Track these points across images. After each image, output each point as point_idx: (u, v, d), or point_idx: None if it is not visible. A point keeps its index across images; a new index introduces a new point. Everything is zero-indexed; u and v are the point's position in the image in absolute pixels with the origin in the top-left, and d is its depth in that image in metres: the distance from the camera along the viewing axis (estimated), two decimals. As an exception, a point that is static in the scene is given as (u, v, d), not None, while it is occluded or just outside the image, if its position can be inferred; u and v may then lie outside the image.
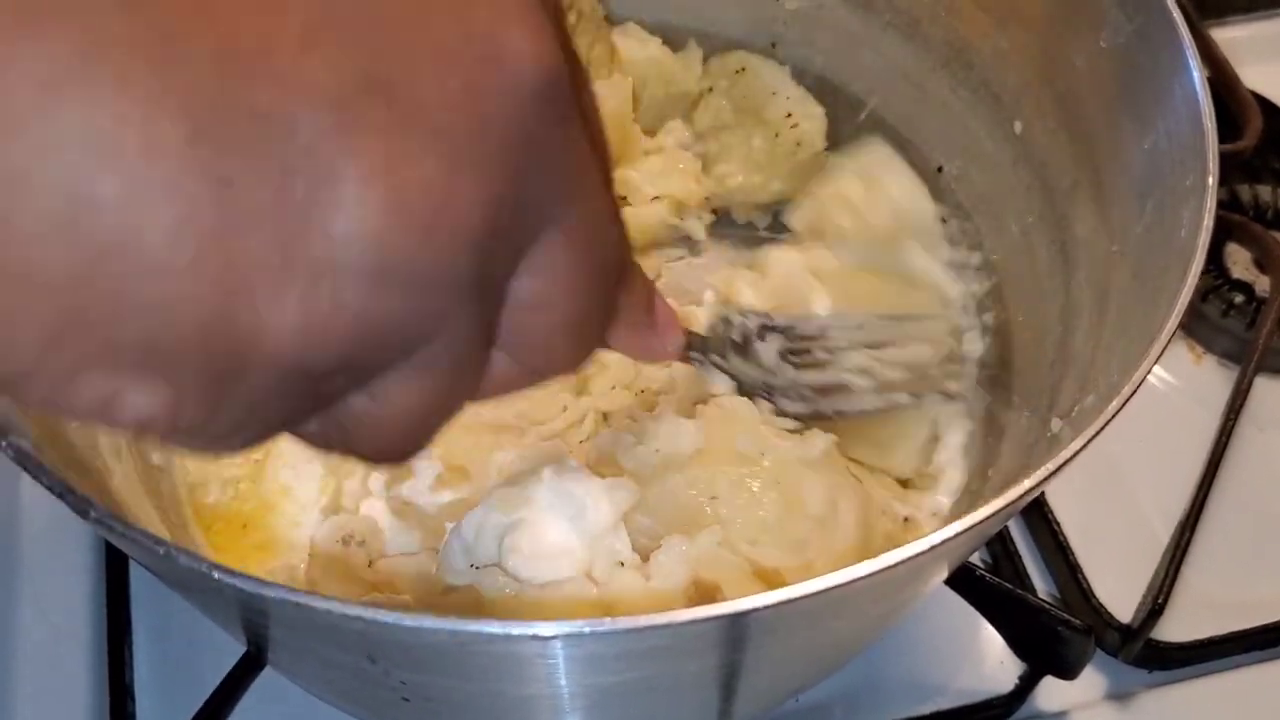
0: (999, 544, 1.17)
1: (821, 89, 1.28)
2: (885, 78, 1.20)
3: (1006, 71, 1.08)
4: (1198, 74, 0.84)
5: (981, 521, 0.65)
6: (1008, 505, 0.67)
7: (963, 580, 1.00)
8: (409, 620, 0.61)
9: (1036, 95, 1.04)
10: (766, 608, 0.61)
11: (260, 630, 0.79)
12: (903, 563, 0.63)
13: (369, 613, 0.61)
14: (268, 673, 0.96)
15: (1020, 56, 1.05)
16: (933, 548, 0.63)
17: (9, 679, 1.10)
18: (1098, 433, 0.69)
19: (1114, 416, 0.69)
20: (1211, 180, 0.78)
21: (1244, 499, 1.22)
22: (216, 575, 0.63)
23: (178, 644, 1.09)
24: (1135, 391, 0.70)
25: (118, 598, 1.11)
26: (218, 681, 0.95)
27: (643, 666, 0.71)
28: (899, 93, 1.19)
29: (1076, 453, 0.69)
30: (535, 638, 0.61)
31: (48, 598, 1.14)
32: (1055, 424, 0.88)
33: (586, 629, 0.61)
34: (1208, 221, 0.76)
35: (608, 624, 0.61)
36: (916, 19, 1.15)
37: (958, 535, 0.64)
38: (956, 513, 1.05)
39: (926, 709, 1.09)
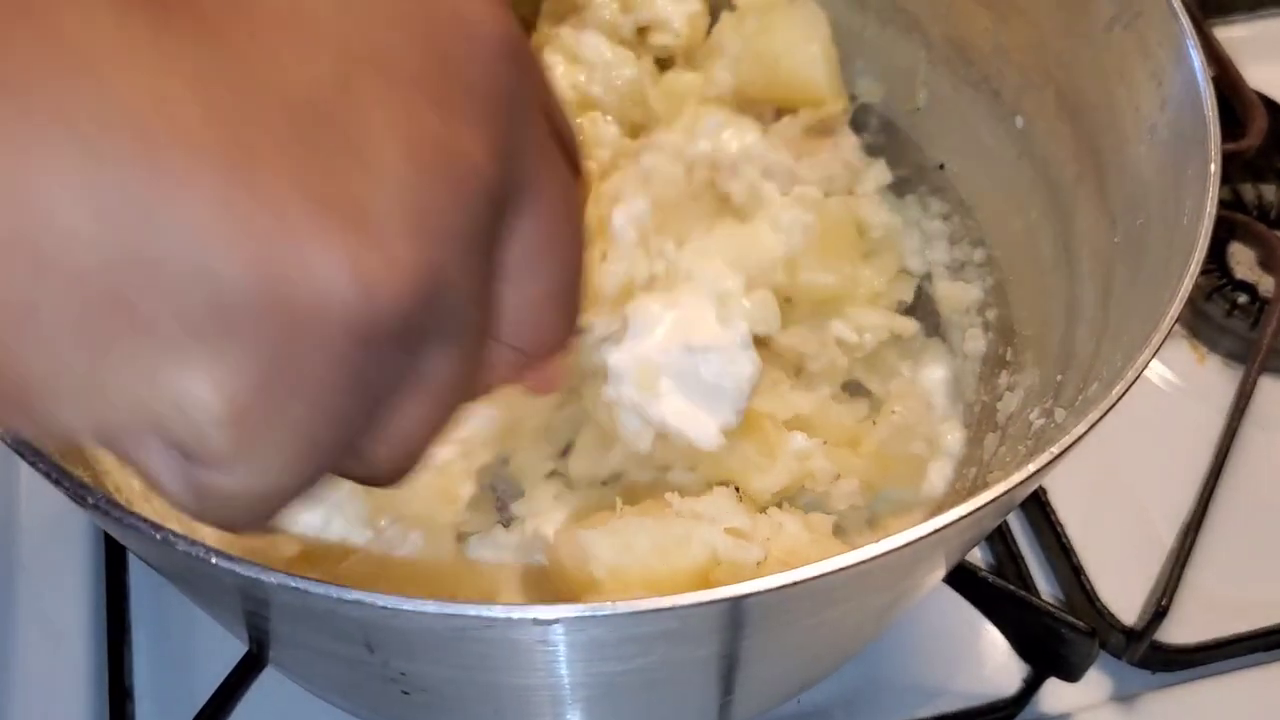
0: (1002, 545, 1.17)
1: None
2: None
3: (1007, 67, 1.08)
4: (1198, 62, 0.84)
5: (981, 508, 0.65)
6: (1008, 491, 0.66)
7: (965, 581, 1.00)
8: (407, 604, 0.61)
9: (1038, 90, 1.04)
10: (768, 590, 0.61)
11: (259, 621, 0.79)
12: (904, 547, 0.62)
13: (367, 597, 0.61)
14: (267, 675, 0.95)
15: (1021, 51, 1.05)
16: (934, 532, 0.63)
17: (8, 681, 1.09)
18: (1098, 420, 0.69)
19: (1115, 404, 0.69)
20: (1213, 168, 0.78)
21: (1248, 500, 1.21)
22: (215, 560, 0.63)
23: (177, 645, 1.09)
24: (1137, 378, 0.70)
25: (117, 599, 1.11)
26: (217, 683, 0.95)
27: (644, 653, 0.70)
28: (899, 90, 1.19)
29: (1076, 440, 0.68)
30: (536, 621, 0.60)
31: (46, 599, 1.14)
32: (1059, 414, 0.88)
33: (588, 612, 0.60)
34: (1210, 209, 0.76)
35: (609, 607, 0.60)
36: (916, 17, 1.15)
37: (958, 520, 0.64)
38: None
39: (929, 712, 1.09)
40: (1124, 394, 0.69)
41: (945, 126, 1.18)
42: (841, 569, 0.61)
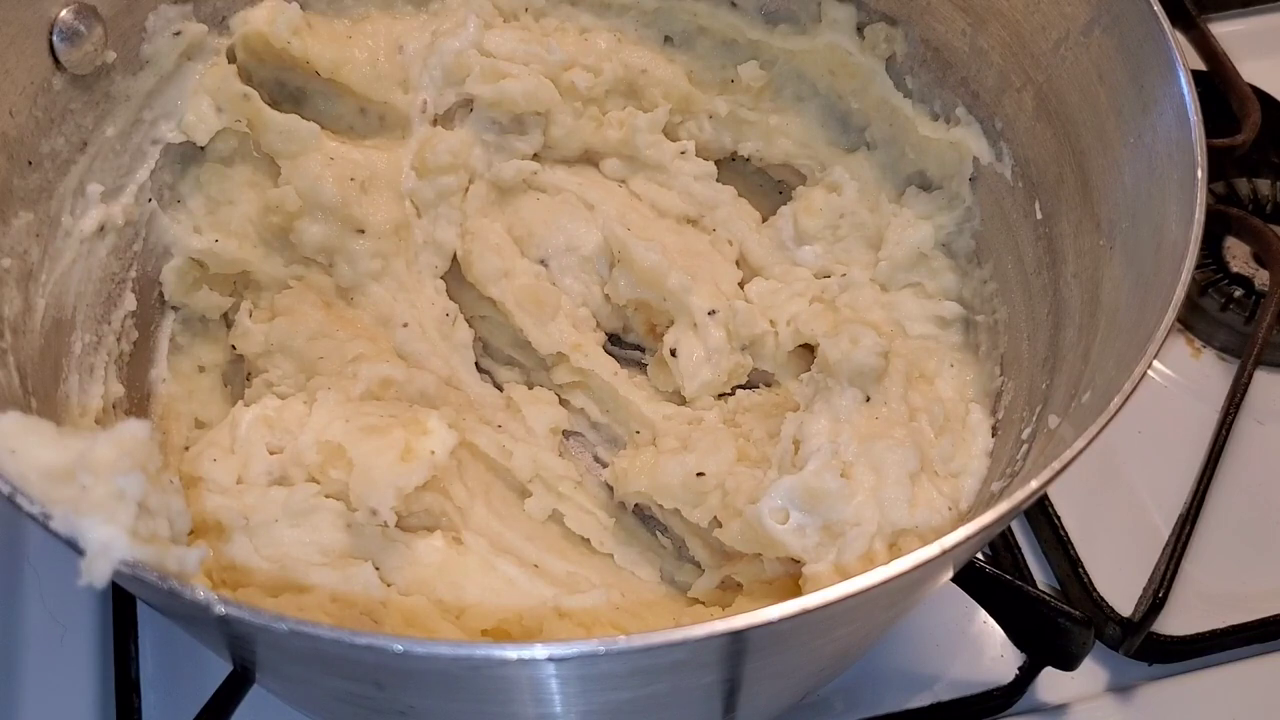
0: (999, 536, 1.17)
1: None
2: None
3: (985, 69, 1.08)
4: (1182, 68, 0.84)
5: (989, 524, 0.66)
6: (1015, 506, 0.67)
7: (962, 572, 1.00)
8: (420, 647, 0.61)
9: (1016, 92, 1.04)
10: (780, 619, 0.61)
11: (261, 660, 0.79)
12: (915, 568, 0.63)
13: (380, 640, 0.61)
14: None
15: (999, 53, 1.05)
16: (943, 552, 0.64)
17: (17, 676, 1.10)
18: (1101, 430, 0.69)
19: (1116, 414, 0.69)
20: (1200, 174, 0.78)
21: (1244, 493, 1.23)
22: (223, 610, 0.62)
23: (184, 639, 1.09)
24: (1135, 388, 0.70)
25: (124, 594, 1.11)
26: (224, 676, 0.94)
27: (652, 682, 0.70)
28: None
29: (1080, 451, 0.69)
30: (551, 659, 0.60)
31: (54, 595, 1.15)
32: (1052, 420, 0.88)
33: (601, 648, 0.60)
34: (1199, 216, 0.76)
35: (622, 642, 0.60)
36: (893, 20, 1.15)
37: (966, 540, 0.64)
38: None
39: (926, 700, 1.10)
40: (1122, 405, 0.69)
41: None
42: (853, 593, 0.61)
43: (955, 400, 1.05)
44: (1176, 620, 1.12)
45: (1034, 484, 0.67)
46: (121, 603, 1.11)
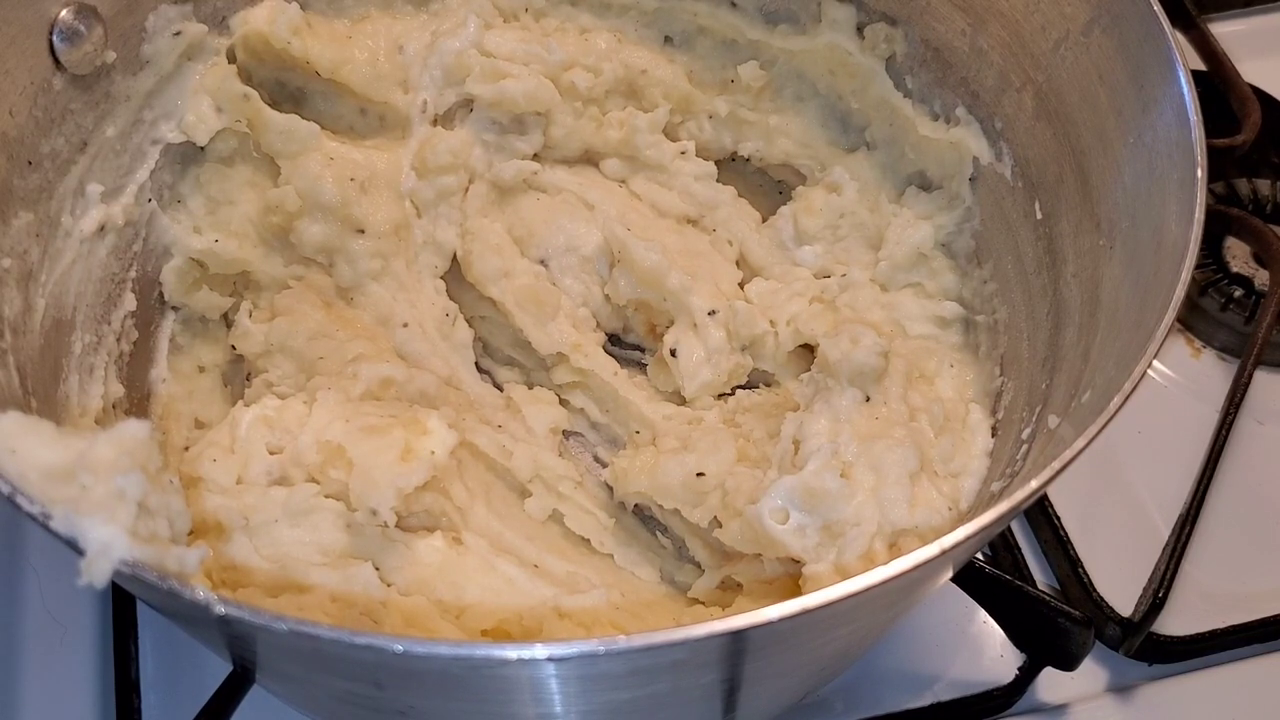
0: (999, 536, 1.17)
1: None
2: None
3: (985, 69, 1.08)
4: (1182, 68, 0.84)
5: (989, 525, 0.66)
6: (1015, 506, 0.67)
7: (962, 572, 1.00)
8: (420, 647, 0.61)
9: (1016, 91, 1.04)
10: (780, 619, 0.61)
11: (261, 660, 0.78)
12: (915, 568, 0.63)
13: (379, 640, 0.61)
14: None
15: (999, 53, 1.05)
16: (943, 552, 0.64)
17: (17, 676, 1.10)
18: (1100, 430, 0.69)
19: (1116, 413, 0.69)
20: (1200, 174, 0.78)
21: (1244, 493, 1.23)
22: (223, 610, 0.62)
23: (184, 639, 1.09)
24: (1135, 388, 0.70)
25: (124, 594, 1.11)
26: (224, 676, 0.94)
27: (651, 682, 0.70)
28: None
29: (1080, 451, 0.69)
30: (551, 659, 0.60)
31: (54, 595, 1.15)
32: (1052, 420, 0.88)
33: (600, 648, 0.60)
34: (1199, 216, 0.76)
35: (622, 642, 0.60)
36: (893, 20, 1.15)
37: (966, 540, 0.64)
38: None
39: (926, 700, 1.10)
40: (1122, 405, 0.69)
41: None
42: (853, 593, 0.61)
43: (955, 400, 1.05)
44: (1176, 620, 1.12)
45: (1034, 484, 0.67)
46: (121, 603, 1.11)
